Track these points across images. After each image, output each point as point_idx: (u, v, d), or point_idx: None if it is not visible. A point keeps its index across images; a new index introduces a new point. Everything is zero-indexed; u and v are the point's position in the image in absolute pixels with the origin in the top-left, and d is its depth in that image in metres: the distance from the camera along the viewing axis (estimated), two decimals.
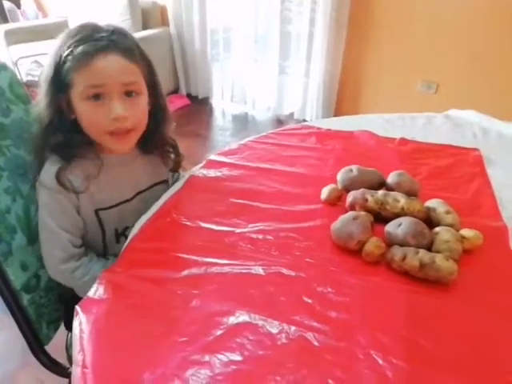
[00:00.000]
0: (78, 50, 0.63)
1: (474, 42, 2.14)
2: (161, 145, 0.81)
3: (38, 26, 3.02)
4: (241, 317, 0.54)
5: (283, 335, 0.51)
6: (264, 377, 0.47)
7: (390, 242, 0.65)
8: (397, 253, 0.60)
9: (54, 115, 0.67)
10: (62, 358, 0.78)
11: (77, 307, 0.56)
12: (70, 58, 0.63)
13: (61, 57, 0.64)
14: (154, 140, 0.78)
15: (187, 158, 0.93)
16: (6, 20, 3.20)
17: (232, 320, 0.54)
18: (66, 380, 0.76)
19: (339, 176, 0.82)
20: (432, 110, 1.24)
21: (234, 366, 0.48)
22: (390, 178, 0.78)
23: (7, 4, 3.21)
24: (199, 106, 3.04)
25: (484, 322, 0.54)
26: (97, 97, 0.65)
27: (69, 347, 0.78)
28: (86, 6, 2.76)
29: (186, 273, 0.62)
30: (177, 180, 0.90)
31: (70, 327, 0.66)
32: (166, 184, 0.87)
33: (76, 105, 0.66)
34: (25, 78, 2.53)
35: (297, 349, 0.50)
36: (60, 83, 0.65)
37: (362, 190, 0.73)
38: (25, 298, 0.73)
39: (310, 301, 0.57)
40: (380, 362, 0.48)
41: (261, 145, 1.02)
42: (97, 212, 0.76)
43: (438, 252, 0.61)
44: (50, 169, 0.69)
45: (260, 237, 0.69)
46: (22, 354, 0.76)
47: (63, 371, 0.77)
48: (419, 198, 0.75)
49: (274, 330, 0.52)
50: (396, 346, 0.50)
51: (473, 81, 2.22)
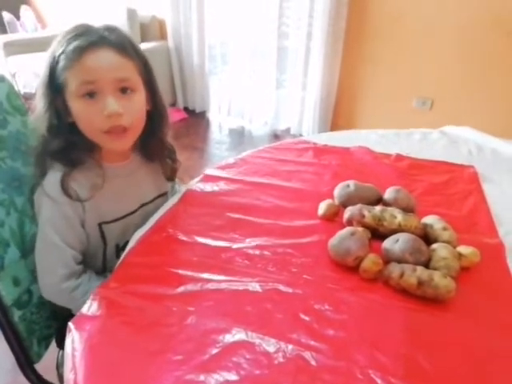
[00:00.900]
0: (70, 48, 0.62)
1: (469, 59, 2.18)
2: (160, 149, 0.80)
3: (36, 38, 3.04)
4: (237, 335, 0.53)
5: (280, 354, 0.50)
6: None
7: (388, 259, 0.64)
8: (394, 270, 0.60)
9: (52, 118, 0.66)
10: (52, 377, 0.76)
11: (70, 324, 0.55)
12: (62, 56, 0.63)
13: (54, 57, 0.64)
14: (153, 143, 0.77)
15: (184, 171, 0.93)
16: (4, 31, 3.22)
17: (228, 338, 0.53)
18: None
19: (336, 191, 0.82)
20: (427, 126, 1.25)
21: None
22: (387, 194, 0.78)
23: (7, 16, 3.24)
24: (196, 120, 3.05)
25: (483, 339, 0.54)
26: (91, 95, 0.63)
27: (59, 365, 0.76)
28: (84, 18, 2.79)
29: (181, 289, 0.61)
30: (174, 192, 0.90)
31: (61, 345, 0.65)
32: (166, 197, 0.87)
33: (71, 104, 0.65)
34: (23, 90, 2.53)
35: (294, 368, 0.49)
36: (55, 84, 0.64)
37: (359, 205, 0.73)
38: (16, 314, 0.71)
39: (307, 318, 0.56)
40: (379, 382, 0.47)
41: (258, 159, 1.03)
42: (100, 226, 0.74)
43: (435, 269, 0.61)
44: (54, 177, 0.67)
45: (257, 252, 0.69)
46: (12, 372, 0.74)
47: None
48: (416, 214, 0.75)
49: (271, 349, 0.51)
50: (394, 366, 0.49)
51: (468, 97, 2.26)
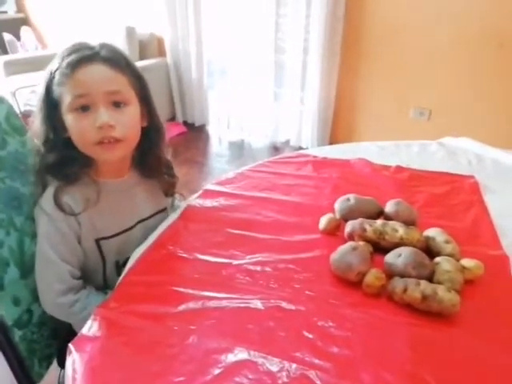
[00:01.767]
0: (64, 63, 0.64)
1: (465, 70, 2.20)
2: (158, 165, 0.80)
3: (36, 58, 3.08)
4: (239, 354, 0.52)
5: (284, 373, 0.49)
6: None
7: (391, 273, 0.64)
8: (398, 284, 0.59)
9: (48, 132, 0.68)
10: None
11: (70, 345, 0.54)
12: (57, 72, 0.65)
13: (51, 73, 0.66)
14: (150, 160, 0.78)
15: (184, 185, 0.93)
16: (5, 51, 3.26)
17: (230, 358, 0.52)
18: None
19: (337, 205, 0.81)
20: (425, 137, 1.26)
21: None
22: (388, 207, 0.78)
23: (7, 36, 3.29)
24: (196, 134, 3.07)
25: (489, 354, 0.53)
26: (84, 108, 0.65)
27: None
28: (84, 37, 2.83)
29: (182, 307, 0.60)
30: (175, 208, 0.90)
31: (62, 364, 0.64)
32: (166, 212, 0.87)
33: (66, 118, 0.66)
34: (23, 108, 2.55)
35: None
36: (51, 100, 0.66)
37: (360, 219, 0.73)
38: (16, 334, 0.70)
39: (310, 336, 0.55)
40: None
41: (257, 173, 1.03)
42: (98, 242, 0.74)
43: (439, 283, 0.60)
44: (50, 192, 0.69)
45: (258, 268, 0.68)
46: None
47: None
48: (417, 226, 0.74)
49: (275, 368, 0.50)
50: (400, 383, 0.48)
51: (465, 107, 2.27)
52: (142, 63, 2.78)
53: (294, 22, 2.48)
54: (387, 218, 0.77)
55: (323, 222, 0.77)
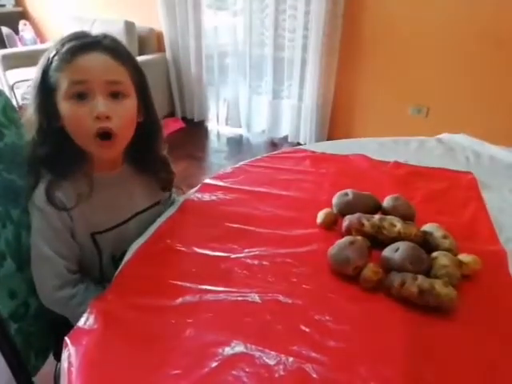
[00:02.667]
0: (63, 49, 0.63)
1: (462, 67, 2.20)
2: (153, 162, 0.79)
3: (35, 51, 3.05)
4: (237, 347, 0.52)
5: (281, 367, 0.49)
6: None
7: (388, 268, 0.64)
8: (395, 279, 0.59)
9: (42, 121, 0.66)
10: None
11: (66, 338, 0.54)
12: (56, 57, 0.63)
13: (48, 58, 0.64)
14: (146, 156, 0.77)
15: (183, 180, 0.92)
16: (3, 45, 3.24)
17: (227, 351, 0.52)
18: None
19: (335, 200, 0.81)
20: (423, 134, 1.26)
21: None
22: (386, 202, 0.78)
23: (5, 30, 3.27)
24: (195, 129, 3.06)
25: (487, 349, 0.53)
26: (81, 96, 0.63)
27: (57, 378, 0.74)
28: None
29: (180, 301, 0.60)
30: (172, 202, 0.89)
31: (59, 357, 0.64)
32: (161, 205, 0.86)
33: (61, 107, 0.64)
34: (21, 102, 2.54)
35: (295, 381, 0.48)
36: (47, 86, 0.65)
37: (358, 214, 0.73)
38: (12, 327, 0.70)
39: (307, 329, 0.55)
40: None
41: (255, 168, 1.02)
42: (93, 236, 0.74)
43: (436, 277, 0.60)
44: (42, 187, 0.68)
45: (256, 262, 0.68)
46: None
47: None
48: (415, 222, 0.74)
49: (271, 362, 0.50)
50: (397, 377, 0.49)
51: (463, 104, 2.27)
52: (141, 58, 2.77)
53: (293, 18, 2.47)
54: (385, 213, 0.77)
55: (321, 217, 0.77)
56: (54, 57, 0.63)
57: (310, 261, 0.68)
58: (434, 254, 0.65)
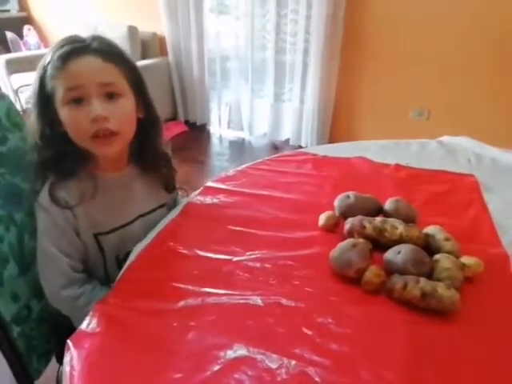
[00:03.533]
0: (55, 56, 0.64)
1: (464, 70, 2.20)
2: (155, 158, 0.80)
3: (38, 56, 3.04)
4: (239, 350, 0.52)
5: (283, 370, 0.49)
6: None
7: (390, 270, 0.64)
8: (397, 282, 0.59)
9: (44, 127, 0.67)
10: None
11: (68, 341, 0.54)
12: (49, 65, 0.64)
13: (43, 67, 0.65)
14: (147, 152, 0.77)
15: (185, 184, 0.93)
16: (8, 50, 3.27)
17: (230, 354, 0.52)
18: None
19: (336, 202, 0.81)
20: (424, 136, 1.25)
21: None
22: (388, 205, 0.78)
23: (9, 34, 3.29)
24: (197, 133, 3.07)
25: (489, 352, 0.53)
26: (77, 101, 0.64)
27: (59, 382, 0.74)
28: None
29: (182, 303, 0.60)
30: (177, 204, 0.90)
31: (61, 360, 0.64)
32: (166, 208, 0.86)
33: (60, 113, 0.66)
34: (25, 106, 2.56)
35: None
36: (45, 94, 0.66)
37: (360, 216, 0.73)
38: (15, 330, 0.70)
39: (310, 332, 0.55)
40: None
41: (257, 171, 1.02)
42: (96, 237, 0.74)
43: (438, 280, 0.60)
44: (46, 187, 0.69)
45: (258, 265, 0.68)
46: None
47: None
48: (417, 224, 0.74)
49: (274, 365, 0.50)
50: (399, 381, 0.48)
51: (464, 107, 2.27)
52: (144, 63, 2.78)
53: (294, 23, 2.48)
54: (387, 215, 0.76)
55: (323, 219, 0.77)
56: (47, 65, 0.65)
57: (311, 263, 0.68)
58: (436, 256, 0.65)
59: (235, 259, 0.70)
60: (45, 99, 0.66)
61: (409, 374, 0.49)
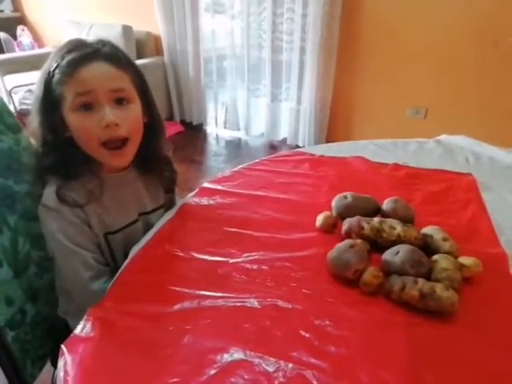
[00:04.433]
0: (64, 62, 0.63)
1: (460, 68, 2.20)
2: (157, 161, 0.79)
3: (32, 56, 3.06)
4: (235, 354, 0.51)
5: (280, 374, 0.49)
6: None
7: (388, 271, 0.63)
8: (395, 282, 0.59)
9: (46, 134, 0.66)
10: None
11: (62, 346, 0.53)
12: (57, 71, 0.63)
13: (49, 73, 0.64)
14: (150, 155, 0.77)
15: (182, 184, 0.92)
16: (1, 51, 3.24)
17: (226, 358, 0.51)
18: None
19: (334, 203, 0.81)
20: (421, 135, 1.25)
21: None
22: (386, 205, 0.77)
23: (3, 35, 3.27)
24: (193, 133, 3.06)
25: (489, 353, 0.52)
26: (87, 107, 0.64)
27: None
28: (81, 36, 2.81)
29: (178, 307, 0.59)
30: (173, 204, 0.89)
31: (56, 364, 0.63)
32: (163, 209, 0.86)
33: (68, 119, 0.65)
34: (18, 107, 2.54)
35: None
36: (51, 100, 0.64)
37: (358, 217, 0.72)
38: (9, 335, 0.69)
39: (307, 335, 0.54)
40: None
41: (254, 172, 1.02)
42: (106, 237, 0.74)
43: (437, 281, 0.59)
44: (51, 190, 0.67)
45: (254, 267, 0.67)
46: None
47: None
48: (415, 224, 0.74)
49: (271, 368, 0.49)
50: (398, 382, 0.48)
51: (461, 106, 2.27)
52: (139, 62, 2.75)
53: (290, 21, 2.47)
54: (384, 215, 0.76)
55: (320, 220, 0.77)
56: (54, 70, 0.63)
57: (309, 265, 0.68)
58: (435, 256, 0.64)
59: (232, 261, 0.69)
60: (50, 105, 0.65)
61: (408, 375, 0.49)
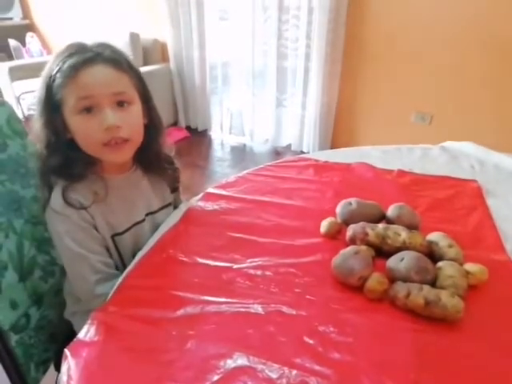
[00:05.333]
0: (65, 66, 0.63)
1: (466, 75, 2.20)
2: (157, 160, 0.80)
3: (41, 63, 3.06)
4: (239, 360, 0.51)
5: (284, 380, 0.48)
6: None
7: (393, 278, 0.63)
8: (400, 289, 0.58)
9: (50, 136, 0.67)
10: None
11: (66, 350, 0.53)
12: (58, 75, 0.64)
13: (50, 76, 0.65)
14: (150, 155, 0.77)
15: (187, 189, 0.93)
16: (11, 57, 3.29)
17: (229, 363, 0.51)
18: None
19: (338, 209, 0.81)
20: (426, 141, 1.25)
21: None
22: (390, 211, 0.77)
23: (12, 42, 3.32)
24: (199, 138, 3.08)
25: (494, 361, 0.52)
26: (88, 110, 0.64)
27: None
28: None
29: (181, 312, 0.59)
30: (177, 204, 0.90)
31: (59, 368, 0.63)
32: (170, 208, 0.87)
33: (69, 121, 0.65)
34: (26, 112, 2.57)
35: None
36: (52, 103, 0.65)
37: (362, 223, 0.72)
38: (13, 339, 0.70)
39: (311, 341, 0.54)
40: None
41: (258, 177, 1.02)
42: (113, 238, 0.75)
43: (442, 288, 0.59)
44: (57, 193, 0.68)
45: (259, 273, 0.67)
46: None
47: None
48: (420, 231, 0.73)
49: (274, 375, 0.49)
50: None
51: (466, 112, 2.27)
52: (145, 69, 2.80)
53: (296, 28, 2.49)
54: (389, 222, 0.76)
55: (325, 226, 0.76)
56: (56, 74, 0.64)
57: (313, 271, 0.67)
58: (440, 263, 0.64)
59: (236, 266, 0.69)
60: (52, 108, 0.66)
61: (412, 383, 0.48)
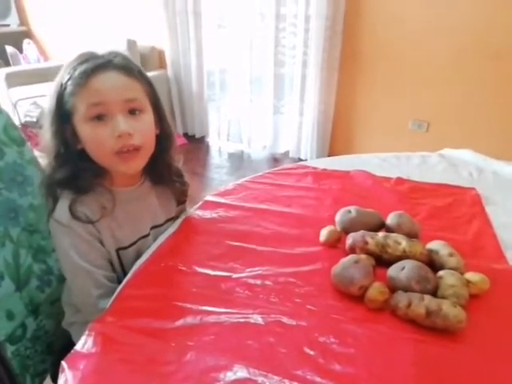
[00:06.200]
0: (76, 73, 0.63)
1: (462, 82, 2.21)
2: (168, 173, 0.79)
3: (38, 70, 3.10)
4: (239, 372, 0.50)
5: None
6: None
7: (393, 287, 0.62)
8: (401, 299, 0.58)
9: (60, 146, 0.66)
10: None
11: (63, 363, 0.52)
12: (69, 82, 0.63)
13: (61, 85, 0.64)
14: (161, 167, 0.77)
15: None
16: (8, 64, 3.29)
17: (229, 376, 0.50)
18: None
19: (338, 217, 0.80)
20: (424, 149, 1.25)
21: None
22: (390, 220, 0.77)
23: (9, 49, 3.32)
24: (196, 145, 3.08)
25: (495, 370, 0.51)
26: (99, 117, 0.63)
27: None
28: (86, 49, 2.85)
29: (180, 322, 0.58)
30: (184, 214, 0.89)
31: (56, 380, 0.62)
32: (173, 221, 0.86)
33: (80, 130, 0.64)
34: (23, 119, 2.56)
35: None
36: (63, 112, 0.64)
37: (362, 232, 0.72)
38: (9, 350, 0.69)
39: (312, 353, 0.53)
40: None
41: (257, 185, 1.02)
42: (118, 252, 0.74)
43: (443, 297, 0.59)
44: (64, 204, 0.67)
45: (258, 282, 0.67)
46: None
47: None
48: (420, 239, 0.73)
49: None
50: None
51: (463, 119, 2.28)
52: None
53: (293, 36, 2.51)
54: (389, 230, 0.75)
55: (324, 235, 0.76)
56: (67, 82, 0.63)
57: (313, 280, 0.67)
58: (440, 272, 0.63)
59: (235, 276, 0.68)
60: (63, 117, 0.65)
61: None
